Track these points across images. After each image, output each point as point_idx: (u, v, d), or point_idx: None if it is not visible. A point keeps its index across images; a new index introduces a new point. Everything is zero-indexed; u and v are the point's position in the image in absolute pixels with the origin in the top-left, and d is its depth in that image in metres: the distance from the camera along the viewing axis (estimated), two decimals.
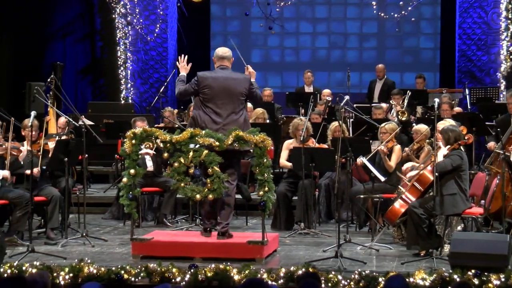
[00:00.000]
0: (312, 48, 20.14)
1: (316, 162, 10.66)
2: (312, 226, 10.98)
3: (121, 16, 18.55)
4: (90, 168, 13.84)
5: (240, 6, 19.81)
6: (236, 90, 9.27)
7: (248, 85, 9.34)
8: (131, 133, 9.12)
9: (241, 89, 9.29)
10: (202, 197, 9.03)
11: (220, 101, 9.24)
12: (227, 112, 9.23)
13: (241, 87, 9.30)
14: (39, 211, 10.86)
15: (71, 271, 7.85)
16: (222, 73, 9.37)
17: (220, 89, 9.26)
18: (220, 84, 9.28)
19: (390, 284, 6.42)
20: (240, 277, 7.75)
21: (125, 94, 18.62)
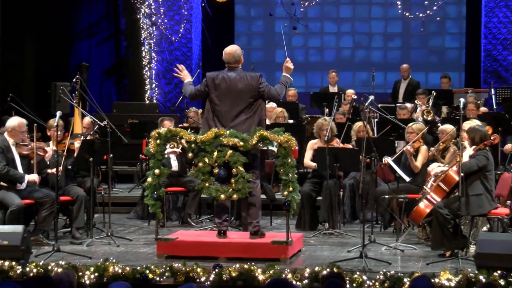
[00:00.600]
0: (337, 48, 20.10)
1: (340, 162, 10.64)
2: (336, 226, 10.95)
3: (146, 16, 18.60)
4: (115, 168, 13.87)
5: (264, 6, 19.81)
6: (243, 90, 9.19)
7: (257, 85, 9.25)
8: (156, 133, 9.14)
9: (249, 90, 9.22)
10: (226, 197, 9.04)
11: (228, 102, 9.20)
12: (235, 113, 9.18)
13: (248, 87, 9.22)
14: (64, 210, 10.92)
15: (96, 271, 7.87)
16: (229, 74, 9.31)
17: (227, 90, 9.22)
18: (227, 85, 9.23)
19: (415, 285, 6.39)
20: (265, 277, 7.74)
21: (150, 94, 18.67)
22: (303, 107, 15.37)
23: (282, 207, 9.16)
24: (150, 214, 10.83)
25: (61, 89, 12.42)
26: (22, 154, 10.09)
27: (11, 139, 10.04)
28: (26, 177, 9.93)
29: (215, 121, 9.19)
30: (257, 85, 9.21)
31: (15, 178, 9.89)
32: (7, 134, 10.06)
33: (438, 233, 9.36)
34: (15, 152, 10.04)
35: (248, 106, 9.19)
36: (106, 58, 19.09)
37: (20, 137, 10.05)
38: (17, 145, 10.06)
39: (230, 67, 9.33)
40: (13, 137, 10.03)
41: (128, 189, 13.78)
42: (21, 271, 7.95)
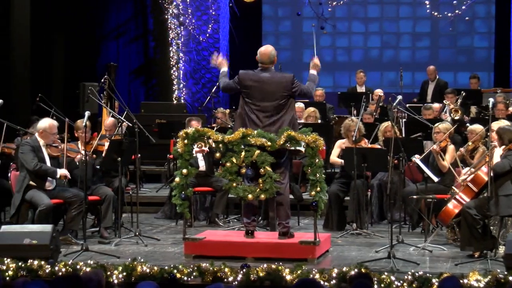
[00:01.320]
0: (364, 48, 20.06)
1: (368, 163, 10.60)
2: (364, 227, 10.92)
3: (174, 16, 18.66)
4: (143, 167, 13.93)
5: (292, 6, 19.81)
6: (275, 91, 9.19)
7: (290, 86, 9.25)
8: (184, 133, 9.16)
9: (281, 92, 9.21)
10: (254, 197, 9.04)
11: (260, 102, 9.21)
12: (268, 113, 9.18)
13: (281, 89, 9.21)
14: (92, 210, 10.97)
15: (124, 270, 7.89)
16: (262, 74, 9.30)
17: (259, 91, 9.22)
18: (260, 86, 9.23)
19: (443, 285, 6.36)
20: (292, 277, 7.73)
21: (178, 94, 18.72)
22: (330, 107, 15.34)
23: (309, 207, 9.15)
24: (178, 214, 10.85)
25: (89, 89, 12.47)
26: (52, 155, 10.15)
27: (42, 140, 10.11)
28: (58, 171, 9.99)
29: (248, 120, 9.20)
30: (291, 85, 9.22)
31: (48, 173, 9.94)
32: (38, 135, 10.13)
33: (466, 233, 9.30)
34: (45, 152, 10.11)
35: (280, 106, 9.20)
36: (134, 58, 19.17)
37: (51, 138, 10.12)
38: (48, 146, 10.13)
39: (264, 67, 9.34)
40: (44, 138, 10.10)
41: (155, 189, 13.82)
42: (50, 270, 7.98)
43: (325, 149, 11.89)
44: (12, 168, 10.70)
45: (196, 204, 11.91)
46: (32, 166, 9.85)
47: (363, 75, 16.67)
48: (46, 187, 10.01)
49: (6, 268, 7.99)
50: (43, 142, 10.10)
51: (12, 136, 11.95)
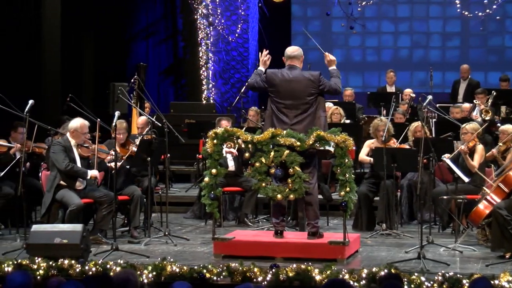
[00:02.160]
0: (394, 48, 19.99)
1: (398, 163, 10.56)
2: (394, 227, 10.88)
3: (203, 16, 18.70)
4: (172, 167, 13.97)
5: (321, 6, 19.78)
6: (302, 90, 9.21)
7: (317, 83, 9.25)
8: (213, 133, 9.17)
9: (309, 90, 9.21)
10: (283, 197, 9.04)
11: (287, 101, 9.22)
12: (295, 112, 9.19)
13: (308, 87, 9.22)
14: (122, 210, 11.02)
15: (154, 270, 7.92)
16: (289, 73, 9.31)
17: (286, 90, 9.24)
18: (286, 85, 9.25)
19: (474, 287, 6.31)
20: (322, 277, 7.71)
21: (207, 94, 18.75)
22: (360, 107, 15.30)
23: (339, 207, 9.14)
24: (207, 214, 10.88)
25: (119, 89, 12.51)
26: (83, 155, 10.21)
27: (73, 140, 10.16)
28: (89, 173, 10.04)
29: (276, 119, 9.21)
30: (318, 82, 9.21)
31: (79, 174, 10.00)
32: (69, 135, 10.19)
33: (497, 234, 9.23)
34: (76, 152, 10.16)
35: (308, 104, 9.20)
36: (163, 59, 19.23)
37: (82, 138, 10.17)
38: (79, 146, 10.18)
39: (291, 66, 9.34)
40: (75, 138, 10.15)
41: (185, 189, 13.85)
42: (80, 269, 8.03)
43: (355, 149, 11.84)
44: (43, 168, 10.77)
45: (225, 204, 11.92)
46: (63, 166, 9.91)
47: (393, 74, 16.59)
48: (77, 187, 10.07)
49: (37, 267, 8.05)
50: (74, 142, 10.15)
51: (43, 136, 12.02)
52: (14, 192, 10.58)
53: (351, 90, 15.71)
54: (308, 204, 9.21)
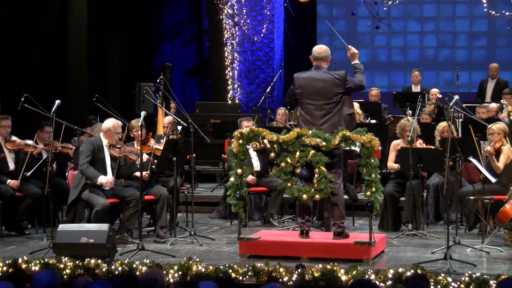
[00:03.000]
0: (420, 47, 19.91)
1: (424, 163, 10.52)
2: (420, 227, 10.83)
3: (229, 17, 18.72)
4: (197, 167, 13.99)
5: (347, 5, 19.74)
6: (328, 90, 9.21)
7: (344, 82, 9.25)
8: (238, 133, 9.18)
9: (334, 89, 9.22)
10: (309, 197, 9.03)
11: (314, 101, 9.23)
12: (321, 112, 9.20)
13: (334, 87, 9.22)
14: (148, 209, 11.05)
15: (180, 269, 7.93)
16: (315, 74, 9.33)
17: (312, 90, 9.25)
18: (312, 85, 9.27)
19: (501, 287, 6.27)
20: (348, 277, 7.69)
21: (232, 94, 18.77)
22: (385, 107, 15.25)
23: (364, 207, 9.13)
24: (233, 214, 10.89)
25: (145, 89, 12.55)
26: (114, 156, 10.25)
27: (106, 140, 10.20)
28: (99, 179, 10.01)
29: (304, 119, 9.22)
30: (344, 82, 9.21)
31: (89, 177, 10.00)
32: (102, 135, 10.23)
33: None
34: (106, 152, 10.20)
35: (334, 103, 9.20)
36: (189, 59, 19.27)
37: (115, 138, 10.21)
38: (110, 147, 10.22)
39: (317, 66, 9.34)
40: (108, 138, 10.19)
41: (210, 189, 13.87)
42: (106, 269, 8.05)
43: (381, 149, 11.82)
44: (69, 168, 10.82)
45: (250, 204, 11.92)
46: (80, 164, 9.96)
47: (418, 74, 16.51)
48: (103, 186, 10.10)
49: (64, 267, 8.08)
50: (106, 142, 10.19)
51: (69, 136, 12.09)
52: (41, 192, 10.64)
53: (377, 90, 15.66)
54: (333, 204, 9.19)
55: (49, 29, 15.48)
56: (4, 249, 9.73)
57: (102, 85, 16.59)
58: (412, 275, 7.39)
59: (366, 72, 9.64)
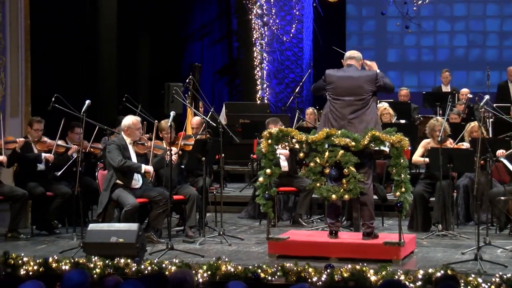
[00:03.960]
0: (450, 47, 19.79)
1: (454, 163, 10.45)
2: (450, 228, 10.77)
3: (258, 17, 18.73)
4: (226, 167, 14.00)
5: (376, 5, 19.67)
6: (359, 87, 9.22)
7: (374, 80, 9.26)
8: (267, 133, 9.18)
9: (365, 87, 9.23)
10: (338, 197, 9.01)
11: (343, 99, 9.24)
12: (350, 110, 9.20)
13: (365, 84, 9.24)
14: (177, 209, 11.08)
15: (209, 269, 7.93)
16: (346, 72, 9.36)
17: (343, 87, 9.27)
18: (344, 83, 9.28)
19: None
20: (377, 278, 7.66)
21: (261, 94, 18.77)
22: (415, 107, 15.17)
23: (394, 207, 9.09)
24: (262, 214, 10.88)
25: (174, 89, 12.58)
26: (139, 153, 10.28)
27: (128, 138, 10.24)
28: (143, 167, 10.10)
29: (333, 116, 9.21)
30: (375, 79, 9.22)
31: (132, 168, 10.07)
32: (124, 134, 10.27)
33: None
34: (132, 150, 10.24)
35: (364, 101, 9.19)
36: (218, 59, 19.30)
37: (137, 134, 10.24)
38: (135, 144, 10.26)
39: (349, 65, 9.38)
40: (130, 136, 10.23)
41: (239, 189, 13.88)
42: (136, 268, 8.08)
43: (410, 149, 11.76)
44: (99, 168, 10.88)
45: (279, 204, 11.92)
46: (117, 162, 9.99)
47: (449, 74, 16.40)
48: (133, 185, 10.15)
49: (94, 266, 8.12)
50: (129, 140, 10.23)
51: (99, 136, 12.15)
52: (71, 192, 10.71)
53: (407, 90, 15.59)
54: (363, 204, 9.17)
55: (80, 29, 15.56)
56: (35, 248, 9.80)
57: (131, 85, 16.66)
58: (442, 276, 7.35)
59: (395, 72, 9.62)
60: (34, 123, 11.00)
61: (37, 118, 11.04)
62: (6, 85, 11.47)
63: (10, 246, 9.85)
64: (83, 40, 15.72)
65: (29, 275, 8.00)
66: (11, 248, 9.21)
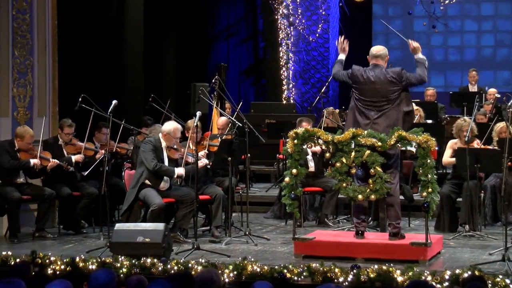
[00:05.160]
0: (477, 47, 19.68)
1: (481, 163, 10.39)
2: (477, 229, 10.70)
3: (284, 17, 18.72)
4: (252, 167, 14.01)
5: (403, 5, 19.60)
6: (385, 89, 9.17)
7: (400, 79, 9.19)
8: (294, 133, 9.17)
9: (391, 88, 9.17)
10: (364, 198, 8.99)
11: (369, 99, 9.21)
12: (376, 110, 9.17)
13: (391, 86, 9.17)
14: (203, 209, 11.09)
15: (235, 269, 7.93)
16: (372, 72, 9.29)
17: (369, 89, 9.22)
18: (369, 84, 9.23)
19: None
20: (404, 278, 7.63)
21: (287, 94, 18.76)
22: (442, 106, 15.11)
23: (421, 208, 9.05)
24: (287, 214, 10.88)
25: (200, 89, 12.61)
26: (171, 157, 10.32)
27: (164, 142, 10.29)
28: (176, 171, 10.17)
29: (359, 114, 9.19)
30: (401, 79, 9.17)
31: (167, 173, 10.14)
32: (161, 137, 10.31)
33: None
34: (165, 154, 10.29)
35: (390, 102, 9.16)
36: (244, 59, 19.31)
37: (173, 142, 10.30)
38: (168, 148, 10.30)
39: (375, 65, 9.31)
40: (167, 141, 10.28)
41: (265, 189, 13.88)
42: (162, 268, 8.10)
43: (437, 149, 11.71)
44: (125, 167, 10.92)
45: (305, 204, 11.90)
46: (152, 166, 10.03)
47: (476, 73, 16.32)
48: (161, 188, 10.18)
49: (120, 266, 8.15)
50: (164, 144, 10.28)
51: (126, 136, 12.19)
52: (97, 192, 10.77)
53: (433, 90, 15.52)
54: (389, 205, 9.14)
55: (106, 29, 15.63)
56: (62, 248, 9.85)
57: (158, 86, 16.71)
58: (469, 276, 7.30)
59: None
60: (65, 126, 11.07)
61: (68, 122, 11.10)
62: (34, 85, 11.54)
63: (37, 245, 9.93)
64: (110, 40, 15.79)
65: (56, 274, 8.05)
66: (39, 248, 9.30)
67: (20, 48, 11.40)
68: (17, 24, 11.37)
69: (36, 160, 10.54)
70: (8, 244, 10.21)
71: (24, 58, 11.44)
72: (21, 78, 11.42)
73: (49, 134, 11.41)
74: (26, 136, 10.62)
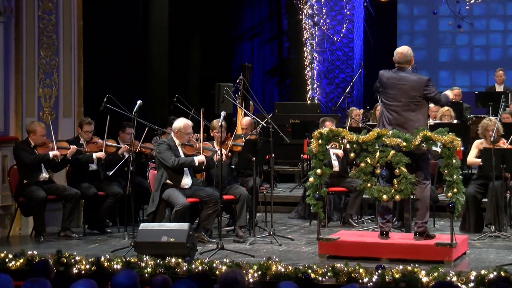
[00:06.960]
0: (503, 46, 19.55)
1: (507, 164, 10.33)
2: (503, 229, 10.64)
3: (308, 17, 18.69)
4: (276, 167, 14.00)
5: (428, 4, 19.51)
6: (408, 92, 9.14)
7: (423, 87, 9.16)
8: (318, 133, 9.15)
9: (412, 93, 9.14)
10: (389, 198, 8.96)
11: (393, 102, 9.20)
12: (398, 112, 9.14)
13: (412, 90, 9.14)
14: (227, 209, 11.10)
15: (259, 269, 7.93)
16: (397, 74, 9.27)
17: (393, 90, 9.22)
18: (393, 86, 9.23)
19: None
20: (429, 279, 7.59)
21: (311, 94, 18.73)
22: (467, 106, 15.02)
23: (446, 208, 9.00)
24: (312, 214, 10.88)
25: (225, 89, 12.63)
26: (187, 154, 10.34)
27: (177, 139, 10.32)
28: (196, 159, 10.21)
29: (384, 117, 9.18)
30: (423, 86, 9.12)
31: (186, 164, 10.19)
32: (173, 135, 10.35)
33: None
34: (180, 151, 10.33)
35: (411, 108, 9.14)
36: (268, 59, 19.31)
37: (186, 138, 10.33)
38: (183, 145, 10.34)
39: (400, 67, 9.29)
40: (179, 138, 10.32)
41: (289, 189, 13.87)
42: (187, 268, 8.11)
43: (462, 149, 11.65)
44: (150, 167, 10.95)
45: (330, 204, 11.88)
46: (171, 162, 10.08)
47: (503, 73, 16.20)
48: (182, 185, 10.20)
49: (145, 265, 8.17)
50: (178, 141, 10.31)
51: (150, 136, 12.22)
52: (122, 192, 10.81)
53: (458, 90, 15.43)
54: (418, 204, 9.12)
55: (131, 30, 15.69)
56: (87, 248, 9.90)
57: (182, 86, 16.75)
58: (495, 277, 7.27)
59: (447, 72, 9.53)
60: (84, 124, 11.12)
61: (87, 120, 11.15)
62: (59, 86, 11.60)
63: (62, 245, 9.98)
64: (135, 40, 15.84)
65: (81, 274, 8.09)
66: (64, 247, 9.34)
67: (46, 49, 11.47)
68: (43, 24, 11.44)
69: (55, 152, 10.59)
70: (34, 243, 10.28)
71: (49, 58, 11.51)
72: (46, 79, 11.49)
73: (74, 134, 11.47)
74: (37, 128, 10.67)
